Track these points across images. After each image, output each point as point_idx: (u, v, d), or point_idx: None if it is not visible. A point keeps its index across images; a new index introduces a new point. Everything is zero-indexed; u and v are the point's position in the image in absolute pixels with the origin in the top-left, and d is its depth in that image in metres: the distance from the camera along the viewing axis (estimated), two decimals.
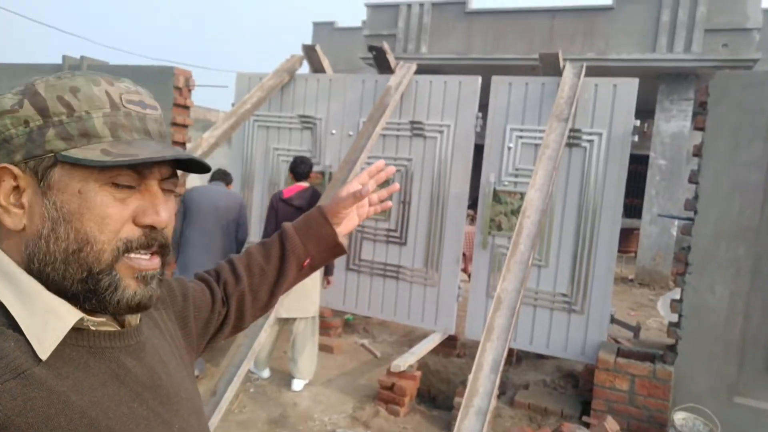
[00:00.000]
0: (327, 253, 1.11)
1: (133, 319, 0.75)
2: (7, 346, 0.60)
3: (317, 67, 5.32)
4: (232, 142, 5.63)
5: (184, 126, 5.33)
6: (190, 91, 5.36)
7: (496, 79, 4.56)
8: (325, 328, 5.12)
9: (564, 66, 4.31)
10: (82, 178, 0.64)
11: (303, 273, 1.11)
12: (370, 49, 4.88)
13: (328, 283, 4.46)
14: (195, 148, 4.29)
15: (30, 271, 0.65)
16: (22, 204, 0.66)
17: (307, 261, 1.09)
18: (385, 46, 4.86)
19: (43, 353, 0.61)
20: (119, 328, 0.72)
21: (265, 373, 4.30)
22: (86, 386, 0.64)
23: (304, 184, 4.17)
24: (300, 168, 4.17)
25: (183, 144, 5.25)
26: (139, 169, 0.66)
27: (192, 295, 0.96)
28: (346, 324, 5.41)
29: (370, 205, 1.13)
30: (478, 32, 10.09)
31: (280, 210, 4.07)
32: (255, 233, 5.18)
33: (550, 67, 4.41)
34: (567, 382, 4.34)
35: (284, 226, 1.10)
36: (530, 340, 4.39)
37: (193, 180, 5.66)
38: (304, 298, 3.99)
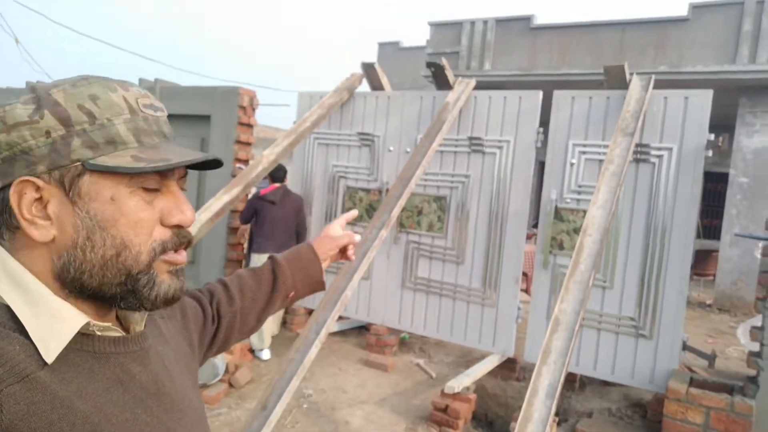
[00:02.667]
0: (309, 288, 1.17)
1: (138, 325, 0.75)
2: (12, 349, 0.60)
3: (376, 85, 5.36)
4: (293, 158, 5.74)
5: (248, 144, 5.50)
6: (254, 110, 5.53)
7: (558, 94, 4.42)
8: (380, 346, 5.08)
9: (630, 79, 4.12)
10: (113, 185, 0.66)
11: (285, 303, 1.15)
12: (429, 65, 4.86)
13: None
14: (256, 165, 4.40)
15: (62, 280, 0.66)
16: (49, 215, 0.65)
17: (293, 293, 1.14)
18: (444, 61, 4.82)
19: (49, 357, 0.61)
20: (124, 334, 0.72)
21: (265, 355, 4.73)
22: (90, 391, 0.64)
23: (278, 184, 4.96)
24: (277, 173, 4.94)
25: (246, 161, 5.41)
26: (164, 173, 0.69)
27: (189, 310, 0.97)
28: (401, 342, 5.35)
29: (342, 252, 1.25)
30: (543, 47, 9.89)
31: (257, 205, 4.89)
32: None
33: (615, 80, 4.23)
34: (634, 411, 4.07)
35: (275, 258, 1.14)
36: (594, 365, 4.16)
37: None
38: None
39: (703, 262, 10.03)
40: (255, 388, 4.18)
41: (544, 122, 4.42)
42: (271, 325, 4.99)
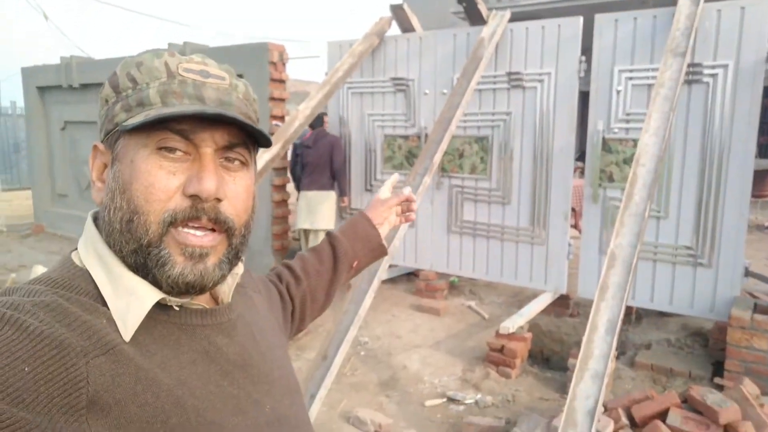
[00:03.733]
0: (371, 253, 1.18)
1: (225, 296, 0.75)
2: (98, 322, 0.61)
3: (406, 27, 5.19)
4: (328, 111, 5.68)
5: (282, 100, 5.46)
6: (284, 64, 5.46)
7: (600, 17, 4.17)
8: (430, 291, 5.11)
9: None
10: (135, 146, 0.65)
11: (352, 273, 1.17)
12: (460, 0, 4.65)
13: (344, 203, 5.44)
14: (292, 120, 4.37)
15: (108, 245, 0.67)
16: (103, 179, 0.69)
17: (356, 263, 1.15)
18: None
19: (127, 334, 0.62)
20: (204, 306, 0.71)
21: None
22: (174, 364, 0.64)
23: (314, 129, 5.34)
24: (315, 121, 5.17)
25: (282, 118, 5.39)
26: (187, 135, 0.64)
27: (273, 287, 1.00)
28: (451, 286, 5.37)
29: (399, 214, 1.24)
30: None
31: (298, 150, 5.49)
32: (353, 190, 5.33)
33: None
34: (694, 341, 4.01)
35: (331, 232, 1.16)
36: (651, 297, 4.09)
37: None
38: (324, 215, 5.22)
39: (760, 183, 9.60)
40: (312, 338, 4.30)
41: (586, 50, 4.21)
42: None
